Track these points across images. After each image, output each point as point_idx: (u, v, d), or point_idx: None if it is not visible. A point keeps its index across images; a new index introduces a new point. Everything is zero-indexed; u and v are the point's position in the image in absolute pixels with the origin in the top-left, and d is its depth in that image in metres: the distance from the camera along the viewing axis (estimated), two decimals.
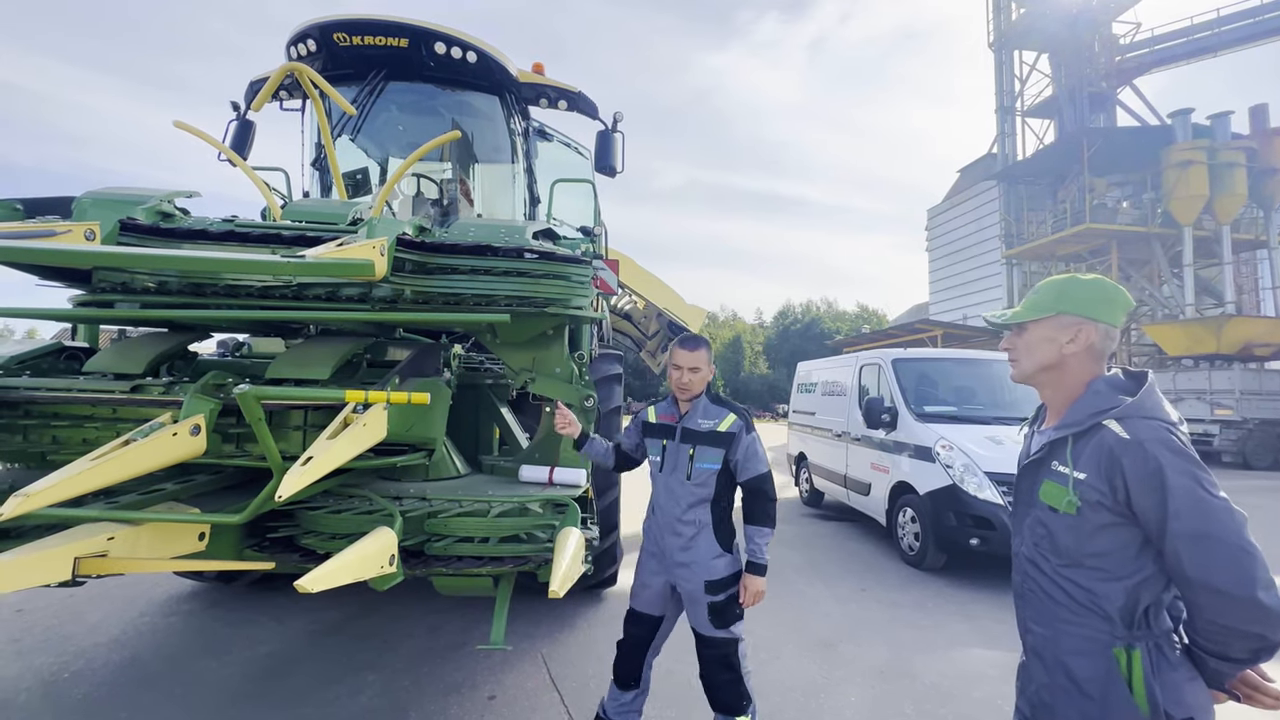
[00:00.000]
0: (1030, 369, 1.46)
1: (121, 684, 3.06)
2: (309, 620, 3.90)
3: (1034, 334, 1.44)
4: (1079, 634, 1.31)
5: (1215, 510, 1.17)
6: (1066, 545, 1.33)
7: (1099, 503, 1.27)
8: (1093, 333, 1.37)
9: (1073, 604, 1.33)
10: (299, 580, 1.60)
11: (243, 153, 4.44)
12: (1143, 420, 1.25)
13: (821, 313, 69.11)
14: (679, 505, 2.36)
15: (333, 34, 3.88)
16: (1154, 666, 1.24)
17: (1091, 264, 22.90)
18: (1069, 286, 1.42)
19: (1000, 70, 27.77)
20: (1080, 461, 1.30)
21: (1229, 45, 23.40)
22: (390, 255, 2.08)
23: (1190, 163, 19.86)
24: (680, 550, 2.35)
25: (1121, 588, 1.27)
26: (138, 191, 2.36)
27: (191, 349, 2.80)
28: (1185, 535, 1.17)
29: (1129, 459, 1.22)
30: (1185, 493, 1.17)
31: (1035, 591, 1.42)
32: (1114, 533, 1.27)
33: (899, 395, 6.38)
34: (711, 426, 2.35)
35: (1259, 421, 15.66)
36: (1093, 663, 1.29)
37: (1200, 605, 1.19)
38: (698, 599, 2.33)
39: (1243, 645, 1.17)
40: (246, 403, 1.66)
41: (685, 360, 2.39)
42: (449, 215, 4.64)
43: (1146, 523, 1.23)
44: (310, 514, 2.36)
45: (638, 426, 2.58)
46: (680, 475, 2.36)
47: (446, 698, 2.97)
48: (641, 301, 9.27)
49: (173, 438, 1.83)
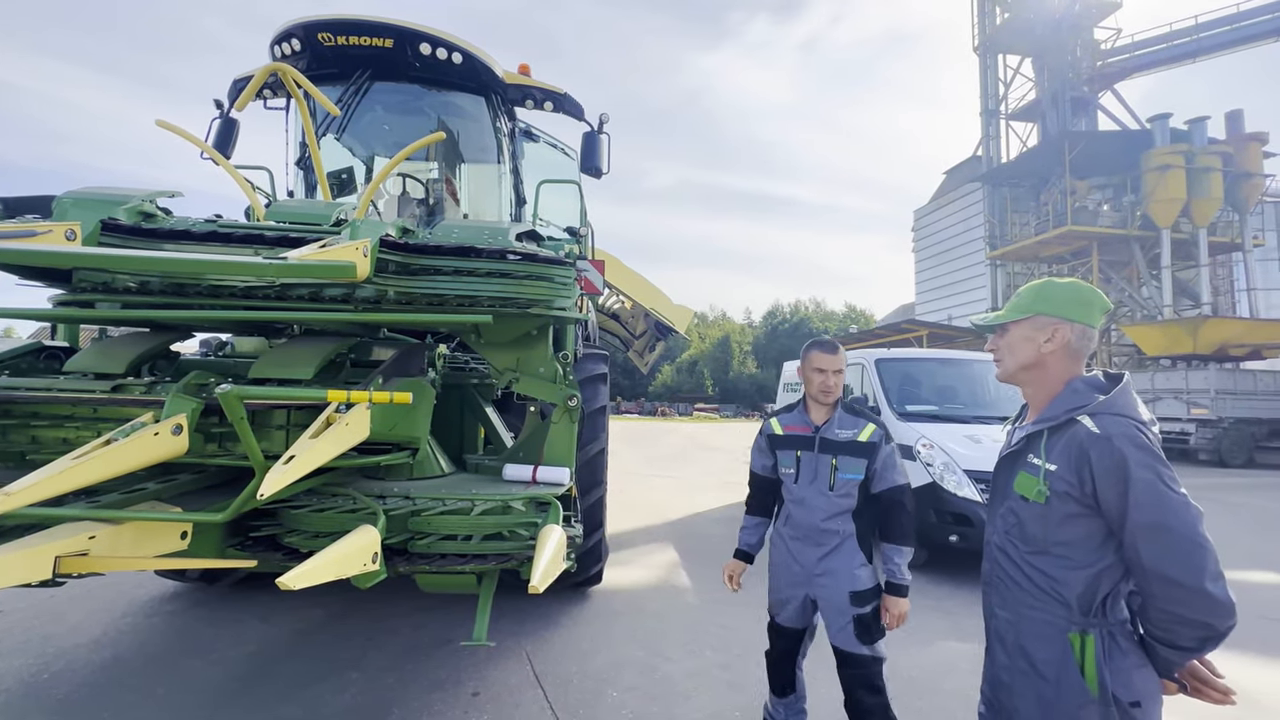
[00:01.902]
0: (1012, 368, 1.53)
1: (103, 684, 3.06)
2: (294, 619, 3.90)
3: (1014, 334, 1.52)
4: (1039, 619, 1.39)
5: (1173, 504, 1.23)
6: (1034, 533, 1.40)
7: (1067, 493, 1.33)
8: (1069, 332, 1.44)
9: (1036, 590, 1.40)
10: (281, 578, 1.62)
11: (226, 151, 4.42)
12: (1113, 417, 1.32)
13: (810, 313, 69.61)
14: (817, 515, 2.26)
15: (317, 34, 3.88)
16: (1106, 652, 1.31)
17: (1073, 265, 23.29)
18: (1046, 289, 1.50)
19: (985, 74, 28.13)
20: (1053, 454, 1.37)
21: (1208, 51, 23.89)
22: (373, 256, 2.10)
23: (1168, 166, 20.26)
24: (820, 560, 2.25)
25: (1083, 576, 1.34)
26: (119, 191, 2.36)
27: (174, 349, 2.80)
28: (1144, 526, 1.24)
29: (1096, 452, 1.29)
30: (1146, 486, 1.24)
31: (1002, 578, 1.49)
32: (1079, 523, 1.34)
33: (882, 395, 6.48)
34: (851, 436, 2.27)
35: (1234, 420, 16.02)
36: (1050, 646, 1.37)
37: (1153, 594, 1.25)
38: (842, 609, 2.21)
39: (1191, 634, 1.24)
40: (229, 402, 1.68)
41: (829, 363, 2.28)
42: (434, 215, 4.65)
43: (1109, 513, 1.29)
44: (293, 513, 2.38)
45: (766, 444, 2.46)
46: (821, 486, 2.26)
47: (430, 694, 3.00)
48: (629, 301, 9.31)
49: (154, 437, 1.84)
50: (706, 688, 3.16)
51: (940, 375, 6.91)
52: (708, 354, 66.47)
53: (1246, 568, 5.79)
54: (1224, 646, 1.23)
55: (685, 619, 4.16)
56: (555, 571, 2.11)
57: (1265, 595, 5.02)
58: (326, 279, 1.94)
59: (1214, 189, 20.43)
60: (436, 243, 2.37)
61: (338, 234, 2.26)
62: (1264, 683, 3.36)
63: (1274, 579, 5.50)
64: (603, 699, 3.02)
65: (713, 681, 3.22)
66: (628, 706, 2.95)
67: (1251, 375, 17.02)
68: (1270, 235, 25.41)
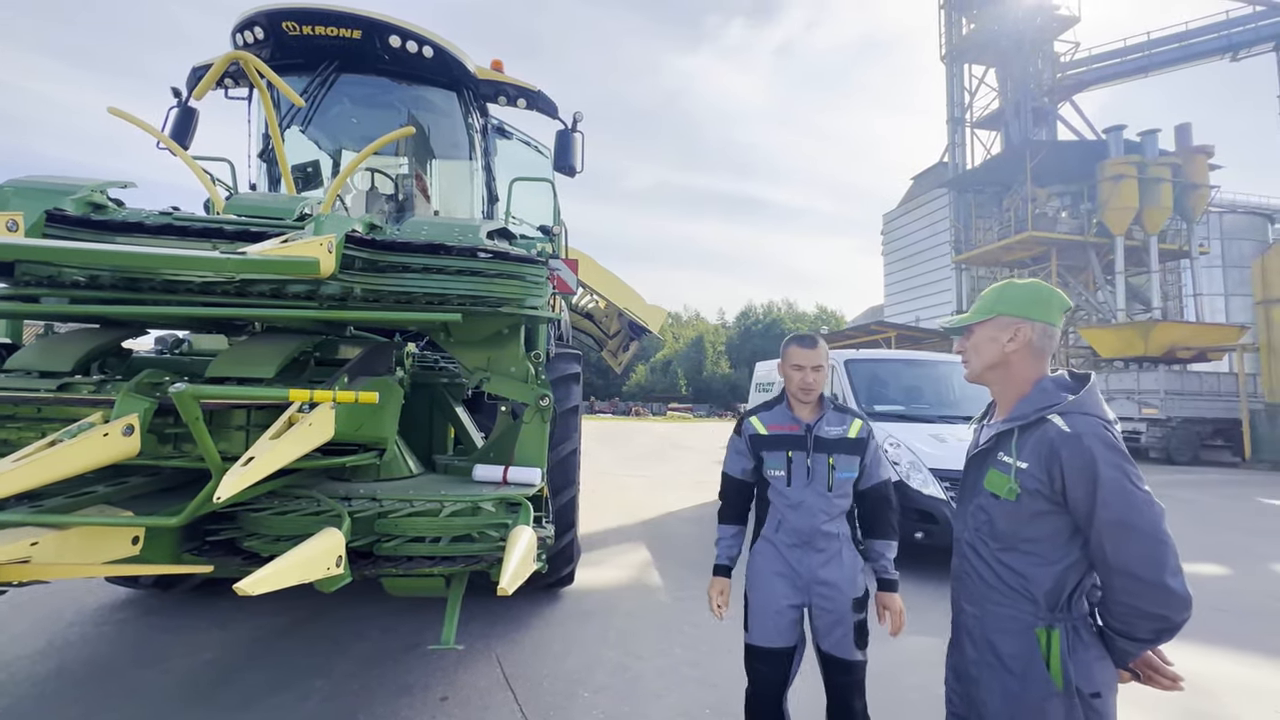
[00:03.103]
0: (979, 368, 1.57)
1: (46, 697, 2.91)
2: (254, 626, 3.78)
3: (979, 335, 1.56)
4: (1006, 614, 1.43)
5: (1139, 502, 1.27)
6: (1004, 530, 1.44)
7: (1037, 490, 1.37)
8: (1030, 331, 1.47)
9: (1003, 586, 1.43)
10: (239, 583, 1.57)
11: (184, 141, 4.26)
12: (1082, 416, 1.36)
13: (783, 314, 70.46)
14: (816, 520, 2.11)
15: (281, 22, 3.77)
16: (1070, 646, 1.35)
17: (1034, 270, 24.08)
18: (1007, 290, 1.54)
19: (951, 82, 28.89)
20: (1023, 452, 1.41)
21: (1159, 67, 24.98)
22: (339, 252, 2.05)
23: (1122, 176, 21.13)
24: (823, 568, 2.10)
25: (1051, 572, 1.37)
26: (67, 181, 2.25)
27: (126, 346, 2.68)
28: (1110, 523, 1.28)
29: (1067, 450, 1.33)
30: (1114, 484, 1.28)
31: (971, 574, 1.52)
32: (1048, 520, 1.38)
33: (851, 395, 6.60)
34: (842, 433, 2.17)
35: (1181, 420, 16.79)
36: (1016, 641, 1.40)
37: (1115, 588, 1.30)
38: (844, 618, 2.09)
39: (1149, 626, 1.29)
40: (183, 402, 1.62)
41: (808, 359, 2.14)
42: (404, 211, 4.57)
43: (1076, 510, 1.33)
44: (253, 516, 2.31)
45: (747, 444, 2.27)
46: (819, 487, 2.11)
47: (398, 700, 2.94)
48: (603, 301, 9.28)
49: (103, 438, 1.76)
50: (677, 686, 3.16)
51: (907, 376, 7.07)
52: (681, 354, 66.79)
53: (1196, 560, 6.07)
54: (1178, 637, 1.29)
55: (657, 618, 4.16)
56: (525, 573, 2.09)
57: (1215, 587, 5.27)
58: (288, 275, 1.87)
59: (1164, 198, 21.39)
60: (405, 240, 2.32)
61: (301, 229, 2.19)
62: (1216, 671, 3.52)
63: (1222, 571, 5.78)
64: (574, 700, 3.00)
65: (683, 679, 3.23)
66: (599, 707, 2.94)
67: (1198, 377, 17.87)
68: (1215, 244, 26.68)
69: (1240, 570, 5.80)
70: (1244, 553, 6.51)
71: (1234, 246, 26.95)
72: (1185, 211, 22.47)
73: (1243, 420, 16.72)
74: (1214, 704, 3.13)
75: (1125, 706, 3.20)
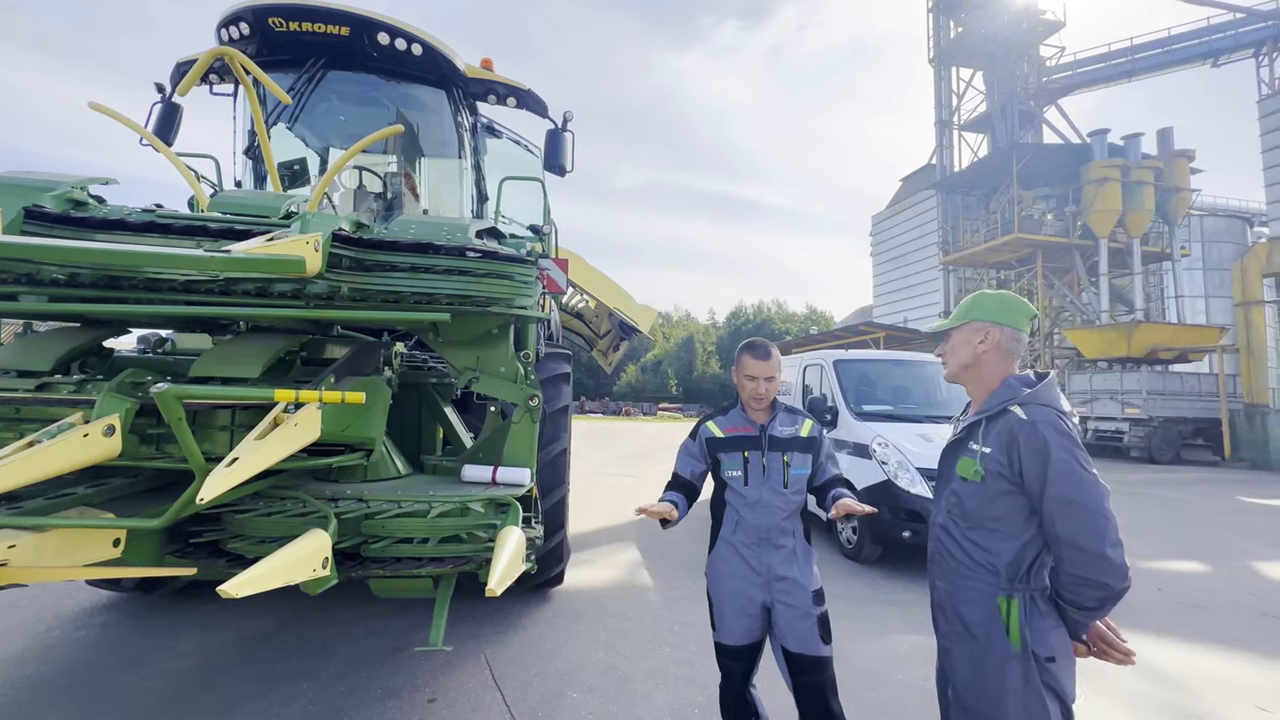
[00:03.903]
0: (956, 368, 1.74)
1: (22, 703, 2.86)
2: (240, 628, 3.73)
3: (956, 339, 1.73)
4: (973, 587, 1.58)
5: (1085, 481, 1.43)
6: (971, 509, 1.59)
7: (999, 473, 1.53)
8: (999, 335, 1.65)
9: (970, 562, 1.59)
10: (222, 585, 1.55)
11: (168, 138, 4.19)
12: (1038, 406, 1.53)
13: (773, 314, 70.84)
14: (774, 516, 2.18)
15: (268, 18, 3.72)
16: (1027, 614, 1.49)
17: (1019, 271, 24.36)
18: (980, 299, 1.73)
19: (939, 85, 29.15)
20: (988, 439, 1.57)
21: (1142, 71, 25.38)
22: (325, 251, 2.03)
23: (1106, 179, 21.44)
24: (781, 564, 2.17)
25: (1012, 546, 1.53)
26: (47, 177, 2.21)
27: (108, 345, 2.64)
28: (1059, 499, 1.43)
29: (1024, 435, 1.49)
30: (1063, 465, 1.44)
31: (943, 554, 1.67)
32: (1009, 499, 1.53)
33: (839, 395, 6.63)
34: (794, 433, 2.25)
35: (1163, 419, 17.04)
36: (981, 610, 1.55)
37: (1064, 559, 1.45)
38: (806, 612, 2.13)
39: (1093, 594, 1.43)
40: (165, 402, 1.59)
41: (760, 370, 2.20)
42: (393, 210, 4.53)
43: (1031, 488, 1.48)
44: (238, 517, 2.28)
45: (701, 448, 2.33)
46: (775, 485, 2.19)
47: (384, 702, 2.92)
48: (593, 301, 9.27)
49: (83, 439, 1.73)
50: (666, 685, 3.17)
51: (895, 376, 7.11)
52: (672, 354, 66.87)
53: (1176, 558, 6.17)
54: (1153, 631, 1.33)
55: (647, 618, 4.17)
56: (514, 574, 2.08)
57: (1195, 584, 5.36)
58: (272, 274, 1.85)
59: (1146, 202, 21.73)
60: (393, 238, 2.30)
61: (287, 227, 2.17)
62: (1197, 668, 3.57)
63: (1201, 569, 5.87)
64: (563, 700, 2.99)
65: (672, 679, 3.23)
66: (588, 707, 2.94)
67: (1179, 377, 18.15)
68: (1196, 246, 27.13)
69: (1219, 568, 5.90)
70: (1223, 550, 6.63)
71: (1214, 249, 27.42)
72: (1167, 215, 22.85)
73: (1223, 420, 17.01)
74: (1195, 700, 3.17)
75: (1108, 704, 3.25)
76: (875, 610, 4.31)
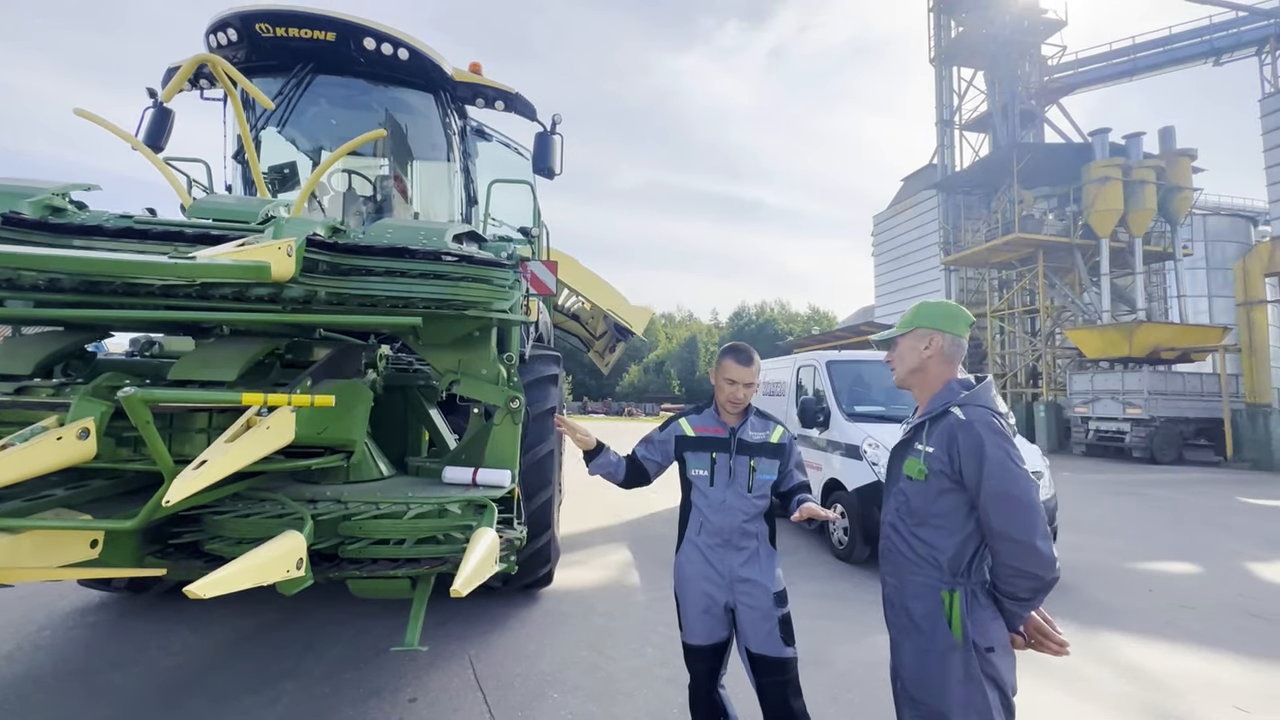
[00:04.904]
0: (903, 373, 1.83)
1: (11, 702, 2.90)
2: (226, 628, 3.77)
3: (903, 346, 1.82)
4: (919, 581, 1.65)
5: (1017, 477, 1.52)
6: (917, 507, 1.67)
7: (941, 471, 1.61)
8: (941, 341, 1.74)
9: (916, 557, 1.66)
10: (190, 585, 1.57)
11: (159, 142, 4.24)
12: (975, 407, 1.62)
13: (775, 314, 70.80)
14: (736, 518, 2.20)
15: (255, 24, 3.77)
16: (968, 606, 1.56)
17: (1020, 271, 24.27)
18: (923, 308, 1.81)
19: (940, 85, 29.05)
20: (931, 439, 1.65)
21: (1143, 70, 25.26)
22: (299, 256, 2.05)
23: (1107, 179, 21.32)
24: (743, 565, 2.19)
25: (953, 542, 1.60)
26: (27, 183, 2.24)
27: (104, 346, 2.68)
28: (993, 494, 1.51)
29: (962, 434, 1.58)
30: (997, 462, 1.52)
31: (892, 550, 1.74)
32: (950, 496, 1.61)
33: (832, 396, 6.64)
34: (764, 438, 2.28)
35: (1164, 419, 16.96)
36: (926, 604, 1.62)
37: (998, 551, 1.53)
38: (768, 613, 2.15)
39: (1025, 584, 1.50)
40: (132, 406, 1.62)
41: (741, 375, 2.22)
42: (382, 213, 4.56)
43: (969, 484, 1.56)
44: (216, 518, 2.31)
45: (669, 442, 2.36)
46: (739, 488, 2.21)
47: (366, 702, 2.94)
48: (588, 303, 9.29)
49: (57, 442, 1.76)
50: (647, 685, 3.19)
51: (888, 377, 7.08)
52: (675, 354, 66.86)
53: (1167, 559, 6.16)
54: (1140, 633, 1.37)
55: (633, 619, 4.18)
56: (483, 575, 2.10)
57: (1184, 585, 5.35)
58: (236, 279, 1.88)
59: (1148, 201, 21.60)
60: (368, 243, 2.32)
61: (262, 232, 2.20)
62: (1179, 668, 3.57)
63: (1192, 569, 5.86)
64: (544, 700, 3.02)
65: (654, 679, 3.25)
66: (568, 707, 2.96)
67: (1181, 377, 18.06)
68: (1198, 246, 26.97)
69: (1211, 568, 5.89)
70: (1217, 550, 6.61)
71: (1217, 248, 27.25)
72: (1169, 214, 22.71)
73: (1225, 420, 16.93)
74: (1176, 700, 3.18)
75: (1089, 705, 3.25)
76: (861, 611, 4.32)
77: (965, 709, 1.52)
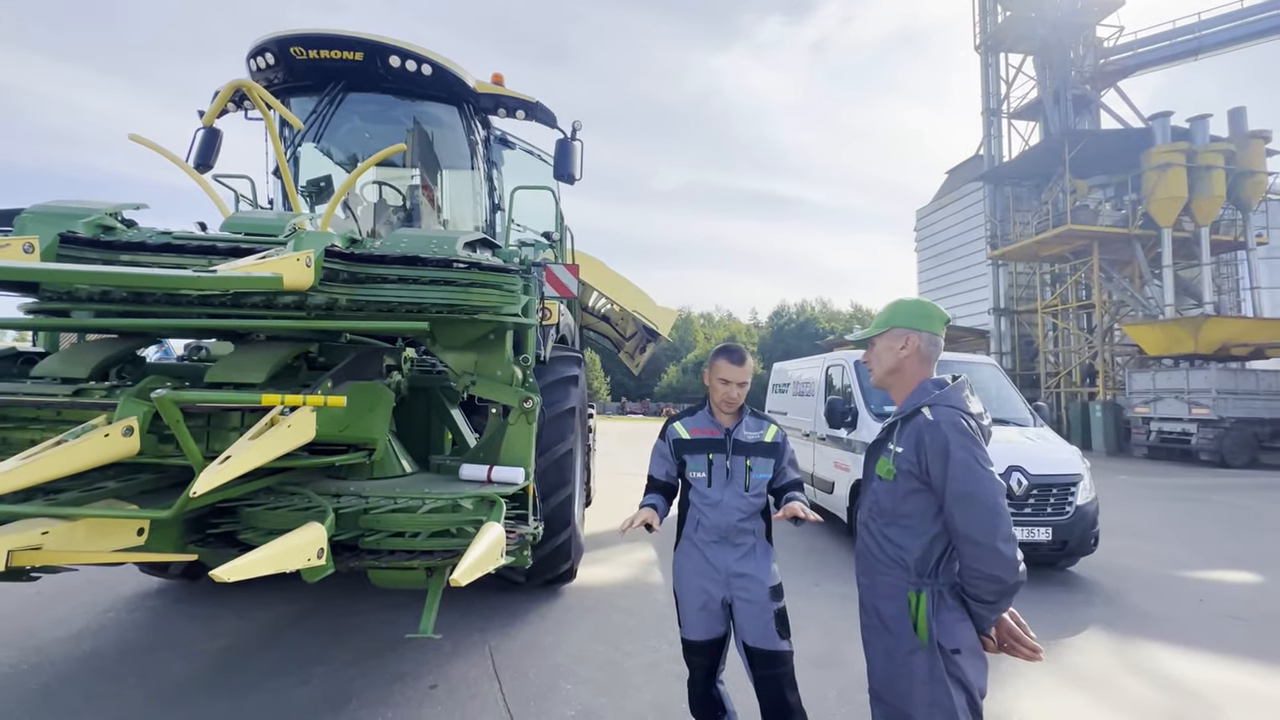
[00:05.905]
0: (880, 373, 1.83)
1: (79, 675, 3.19)
2: (268, 614, 4.03)
3: (879, 346, 1.82)
4: (888, 581, 1.64)
5: (982, 478, 1.50)
6: (886, 507, 1.67)
7: (909, 471, 1.60)
8: (917, 340, 1.73)
9: (885, 557, 1.66)
10: (215, 570, 1.73)
11: (209, 160, 4.56)
12: (945, 408, 1.61)
13: (816, 312, 69.46)
14: (733, 517, 2.25)
15: (290, 48, 4.02)
16: (934, 607, 1.56)
17: (1074, 265, 23.15)
18: (899, 306, 1.81)
19: (986, 72, 27.97)
20: (901, 439, 1.66)
21: (1210, 48, 23.68)
22: (318, 266, 2.21)
23: (1169, 165, 20.09)
24: (739, 561, 2.24)
25: (920, 542, 1.59)
26: (82, 205, 2.48)
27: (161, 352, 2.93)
28: (957, 495, 1.51)
29: (929, 435, 1.57)
30: (962, 463, 1.51)
31: (865, 550, 1.74)
32: (919, 497, 1.60)
33: (860, 396, 6.54)
34: (759, 437, 2.33)
35: (1235, 420, 15.87)
36: (894, 604, 1.62)
37: (963, 553, 1.52)
38: (764, 607, 2.20)
39: (989, 587, 1.49)
40: (163, 406, 1.79)
41: (735, 375, 2.29)
42: (412, 221, 4.78)
43: (935, 484, 1.55)
44: (249, 510, 2.50)
45: (670, 449, 2.41)
46: (736, 487, 2.27)
47: (389, 686, 3.11)
48: (617, 305, 9.40)
49: (104, 439, 1.95)
50: (658, 680, 3.25)
51: None
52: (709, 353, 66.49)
53: (1219, 568, 5.81)
54: (1182, 642, 1.35)
55: (651, 615, 4.25)
56: (486, 567, 2.20)
57: (1234, 594, 5.05)
58: (250, 290, 2.05)
59: (1216, 187, 20.25)
60: (383, 252, 2.47)
61: (284, 245, 2.37)
62: (1219, 679, 3.40)
63: (1246, 579, 5.52)
64: (556, 692, 3.12)
65: (664, 675, 3.31)
66: (579, 698, 3.05)
67: (1254, 375, 16.85)
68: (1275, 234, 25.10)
69: (1267, 578, 5.53)
70: (1277, 561, 6.19)
71: None
72: (1240, 200, 21.23)
73: None
74: (1211, 712, 3.03)
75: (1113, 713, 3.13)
76: None
77: (930, 710, 1.51)
